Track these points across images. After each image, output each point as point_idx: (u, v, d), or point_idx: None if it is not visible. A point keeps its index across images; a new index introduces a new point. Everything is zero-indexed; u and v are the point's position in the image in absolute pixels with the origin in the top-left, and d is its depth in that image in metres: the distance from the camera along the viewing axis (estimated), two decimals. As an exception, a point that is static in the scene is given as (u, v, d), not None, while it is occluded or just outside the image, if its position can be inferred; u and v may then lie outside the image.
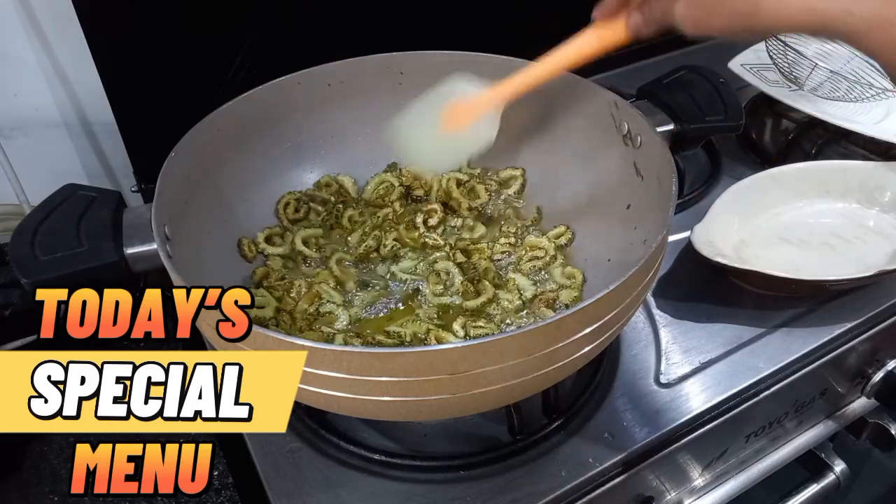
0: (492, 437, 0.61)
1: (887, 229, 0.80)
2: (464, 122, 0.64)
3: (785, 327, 0.72)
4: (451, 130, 0.64)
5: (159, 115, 0.71)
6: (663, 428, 0.63)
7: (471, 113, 0.63)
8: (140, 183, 0.83)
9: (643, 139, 0.65)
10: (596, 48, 0.57)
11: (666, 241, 0.56)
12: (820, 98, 0.94)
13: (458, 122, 0.64)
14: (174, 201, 0.59)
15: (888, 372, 0.80)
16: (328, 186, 0.77)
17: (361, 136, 0.78)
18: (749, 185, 0.81)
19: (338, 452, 0.60)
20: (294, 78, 0.72)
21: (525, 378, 0.48)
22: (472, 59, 0.75)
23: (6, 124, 0.82)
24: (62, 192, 0.57)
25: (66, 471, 0.63)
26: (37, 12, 0.77)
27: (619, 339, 0.70)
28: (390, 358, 0.45)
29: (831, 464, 0.85)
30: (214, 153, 0.67)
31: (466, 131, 0.64)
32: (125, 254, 0.54)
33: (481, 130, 0.64)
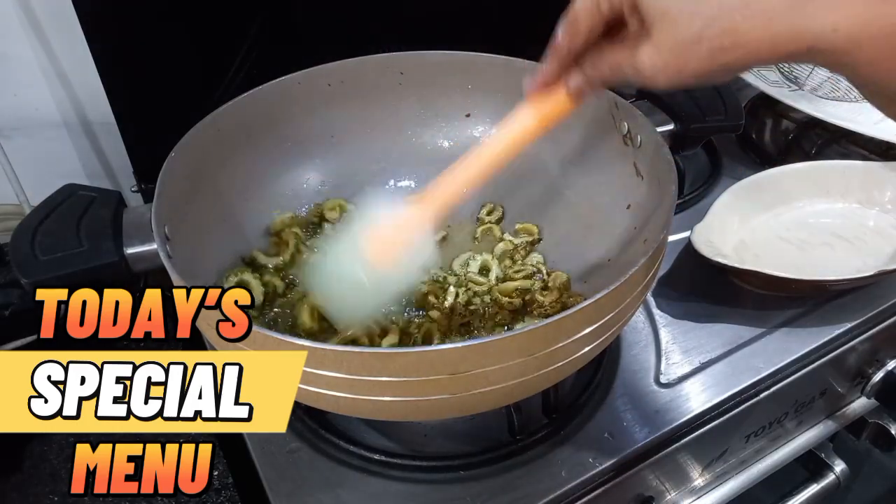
0: (492, 437, 0.61)
1: (887, 229, 0.80)
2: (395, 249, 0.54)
3: (785, 327, 0.72)
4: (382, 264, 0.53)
5: (159, 115, 0.71)
6: (663, 428, 0.62)
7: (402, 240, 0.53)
8: (140, 183, 0.83)
9: (643, 139, 0.65)
10: (535, 127, 0.50)
11: (666, 241, 0.56)
12: (820, 98, 0.94)
13: (388, 254, 0.54)
14: (174, 201, 0.59)
15: (888, 372, 0.80)
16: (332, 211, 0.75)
17: (361, 135, 0.78)
18: (749, 185, 0.81)
19: (338, 452, 0.60)
20: (294, 78, 0.72)
21: (525, 378, 0.48)
22: (472, 59, 0.75)
23: (6, 124, 0.82)
24: (62, 192, 0.57)
25: (66, 471, 0.63)
26: (37, 12, 0.77)
27: (619, 339, 0.70)
28: (390, 358, 0.45)
29: (831, 464, 0.85)
30: (214, 153, 0.67)
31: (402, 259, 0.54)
32: (125, 254, 0.54)
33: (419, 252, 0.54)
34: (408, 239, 0.54)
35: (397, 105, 0.78)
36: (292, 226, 0.73)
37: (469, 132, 0.79)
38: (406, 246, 0.54)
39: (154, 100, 0.77)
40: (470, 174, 0.52)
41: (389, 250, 0.54)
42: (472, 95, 0.78)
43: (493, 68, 0.74)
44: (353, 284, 0.55)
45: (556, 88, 0.48)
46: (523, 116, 0.50)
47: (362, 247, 0.54)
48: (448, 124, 0.79)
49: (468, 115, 0.78)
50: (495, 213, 0.77)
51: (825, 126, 0.91)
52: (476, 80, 0.76)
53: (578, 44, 0.46)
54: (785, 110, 0.99)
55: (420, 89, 0.77)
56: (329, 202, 0.75)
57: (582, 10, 0.44)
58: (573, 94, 0.48)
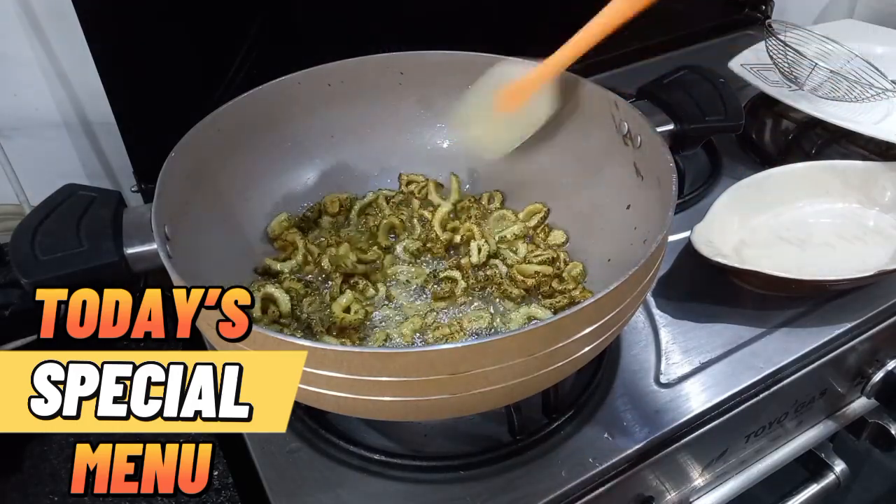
0: (492, 437, 0.61)
1: (887, 229, 0.80)
2: (518, 102, 0.66)
3: (785, 327, 0.72)
4: (507, 111, 0.67)
5: (159, 115, 0.71)
6: (663, 428, 0.62)
7: (524, 92, 0.66)
8: (140, 183, 0.83)
9: (643, 139, 0.65)
10: (629, 10, 0.59)
11: (666, 241, 0.56)
12: (820, 98, 0.94)
13: (512, 103, 0.67)
14: (174, 201, 0.59)
15: (888, 372, 0.80)
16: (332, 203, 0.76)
17: (361, 135, 0.78)
18: (749, 185, 0.81)
19: (338, 452, 0.60)
20: (294, 78, 0.72)
21: (525, 378, 0.48)
22: (472, 59, 0.75)
23: (6, 124, 0.82)
24: (62, 192, 0.57)
25: (66, 471, 0.63)
26: (37, 12, 0.77)
27: (619, 339, 0.70)
28: (390, 358, 0.45)
29: (831, 464, 0.85)
30: (214, 153, 0.67)
31: (522, 110, 0.67)
32: (125, 254, 0.54)
33: (539, 106, 0.67)
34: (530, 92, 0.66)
35: (397, 105, 0.78)
36: (290, 227, 0.73)
37: (469, 132, 0.79)
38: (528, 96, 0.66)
39: (154, 100, 0.77)
40: (578, 44, 0.62)
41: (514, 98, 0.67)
42: (473, 95, 0.78)
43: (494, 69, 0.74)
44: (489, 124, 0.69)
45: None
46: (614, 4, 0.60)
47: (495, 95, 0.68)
48: (448, 124, 0.79)
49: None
50: (496, 199, 0.77)
51: (825, 126, 0.91)
52: (476, 80, 0.76)
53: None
54: (785, 110, 0.99)
55: (420, 89, 0.77)
56: (329, 196, 0.76)
57: None
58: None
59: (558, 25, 0.64)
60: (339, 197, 0.76)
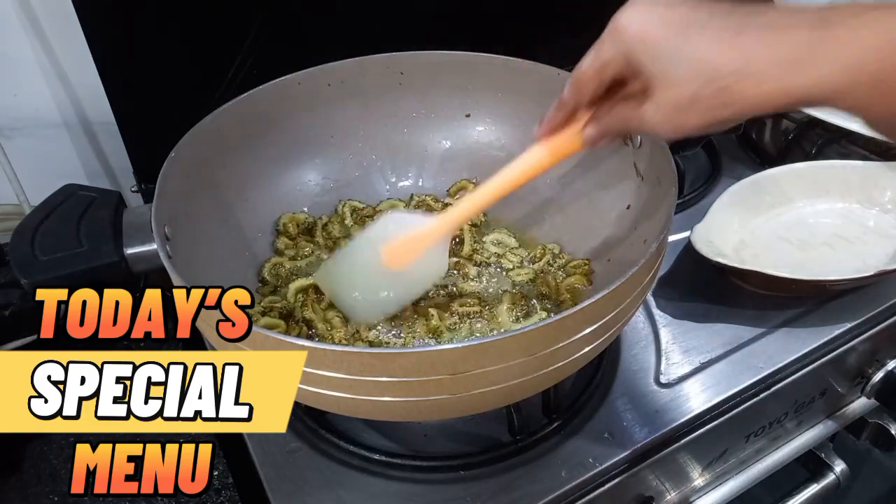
0: (492, 437, 0.61)
1: (887, 229, 0.80)
2: (408, 258, 0.60)
3: (785, 327, 0.72)
4: (396, 270, 0.60)
5: (159, 115, 0.71)
6: (663, 428, 0.62)
7: (416, 247, 0.60)
8: (140, 183, 0.83)
9: (643, 139, 0.65)
10: (547, 162, 0.55)
11: (666, 241, 0.56)
12: (820, 98, 0.94)
13: (402, 258, 0.60)
14: (174, 201, 0.59)
15: (888, 372, 0.80)
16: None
17: (361, 135, 0.78)
18: (749, 185, 0.81)
19: (338, 452, 0.60)
20: (294, 78, 0.72)
21: (525, 378, 0.48)
22: (472, 59, 0.75)
23: (6, 124, 0.82)
24: (62, 192, 0.57)
25: (66, 471, 0.63)
26: (37, 12, 0.77)
27: (619, 339, 0.70)
28: (390, 358, 0.45)
29: (831, 464, 0.84)
30: (214, 153, 0.67)
31: (412, 268, 0.60)
32: (125, 254, 0.54)
33: (432, 263, 0.60)
34: (422, 248, 0.60)
35: (397, 105, 0.78)
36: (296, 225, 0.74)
37: (469, 132, 0.79)
38: (420, 254, 0.60)
39: (154, 100, 0.77)
40: (484, 199, 0.58)
41: (405, 255, 0.60)
42: (472, 95, 0.78)
43: (493, 68, 0.74)
44: (368, 284, 0.62)
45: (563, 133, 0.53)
46: (536, 153, 0.55)
47: (379, 250, 0.60)
48: (448, 124, 0.79)
49: (468, 115, 0.78)
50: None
51: (825, 126, 0.91)
52: (476, 80, 0.76)
53: (583, 101, 0.50)
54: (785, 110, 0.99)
55: (420, 89, 0.77)
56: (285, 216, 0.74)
57: (586, 74, 0.48)
58: (588, 141, 0.52)
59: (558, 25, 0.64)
60: (296, 218, 0.74)
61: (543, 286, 0.67)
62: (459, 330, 0.64)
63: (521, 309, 0.65)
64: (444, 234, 0.60)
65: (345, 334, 0.63)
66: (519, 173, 0.56)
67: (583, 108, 0.51)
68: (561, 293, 0.67)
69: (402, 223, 0.61)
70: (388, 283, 0.61)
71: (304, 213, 0.75)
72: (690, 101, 0.42)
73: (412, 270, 0.60)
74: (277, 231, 0.73)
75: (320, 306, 0.66)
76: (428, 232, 0.60)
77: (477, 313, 0.65)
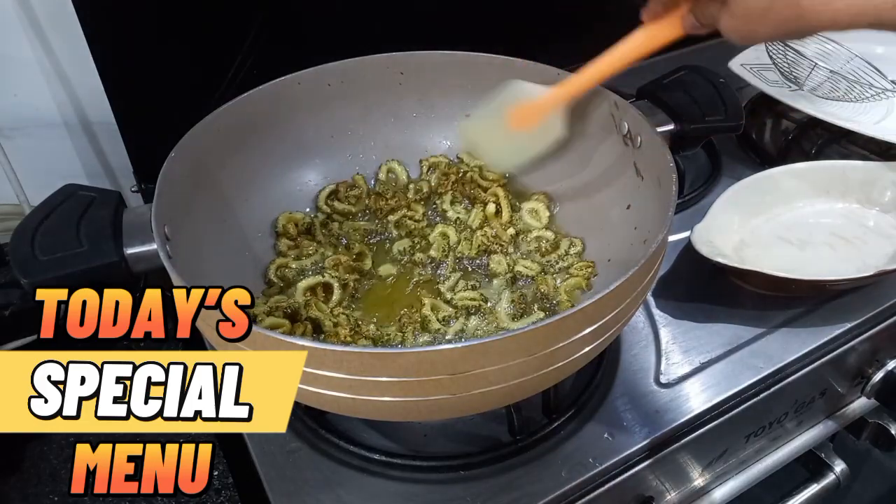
0: (492, 437, 0.61)
1: (887, 229, 0.80)
2: (532, 121, 0.66)
3: (785, 327, 0.72)
4: (520, 129, 0.67)
5: (159, 115, 0.71)
6: (663, 428, 0.62)
7: (538, 113, 0.66)
8: (140, 183, 0.83)
9: (643, 139, 0.65)
10: (651, 45, 0.58)
11: (666, 241, 0.56)
12: (820, 98, 0.94)
13: (526, 121, 0.67)
14: (174, 201, 0.59)
15: (888, 372, 0.80)
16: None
17: (361, 136, 0.78)
18: (749, 185, 0.81)
19: (338, 452, 0.60)
20: (294, 78, 0.72)
21: (525, 378, 0.48)
22: (472, 59, 0.75)
23: (6, 124, 0.82)
24: (62, 192, 0.57)
25: (66, 471, 0.63)
26: (37, 12, 0.77)
27: (619, 339, 0.70)
28: (390, 358, 0.45)
29: (831, 464, 0.84)
30: (214, 153, 0.67)
31: (534, 130, 0.67)
32: (125, 254, 0.54)
33: (549, 128, 0.66)
34: (542, 114, 0.66)
35: (397, 105, 0.78)
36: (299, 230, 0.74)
37: (469, 132, 0.79)
38: (542, 117, 0.66)
39: (154, 100, 0.78)
40: (595, 72, 0.61)
41: (528, 117, 0.66)
42: (472, 95, 0.77)
43: (493, 68, 0.74)
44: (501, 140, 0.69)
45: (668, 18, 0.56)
46: (641, 35, 0.58)
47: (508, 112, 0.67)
48: (448, 124, 0.79)
49: (468, 115, 0.78)
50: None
51: (825, 126, 0.91)
52: (476, 80, 0.76)
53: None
54: (785, 110, 0.99)
55: (420, 89, 0.77)
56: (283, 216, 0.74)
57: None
58: (687, 28, 0.55)
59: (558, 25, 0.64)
60: (294, 218, 0.74)
61: (543, 285, 0.67)
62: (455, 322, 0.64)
63: (520, 308, 0.65)
64: (560, 101, 0.65)
65: (350, 332, 0.63)
66: (629, 51, 0.59)
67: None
68: (559, 295, 0.67)
69: (525, 91, 0.67)
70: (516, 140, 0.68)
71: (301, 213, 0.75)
72: (761, 13, 0.45)
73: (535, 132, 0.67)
74: (277, 233, 0.73)
75: (328, 305, 0.65)
76: (546, 99, 0.65)
77: (476, 308, 0.65)
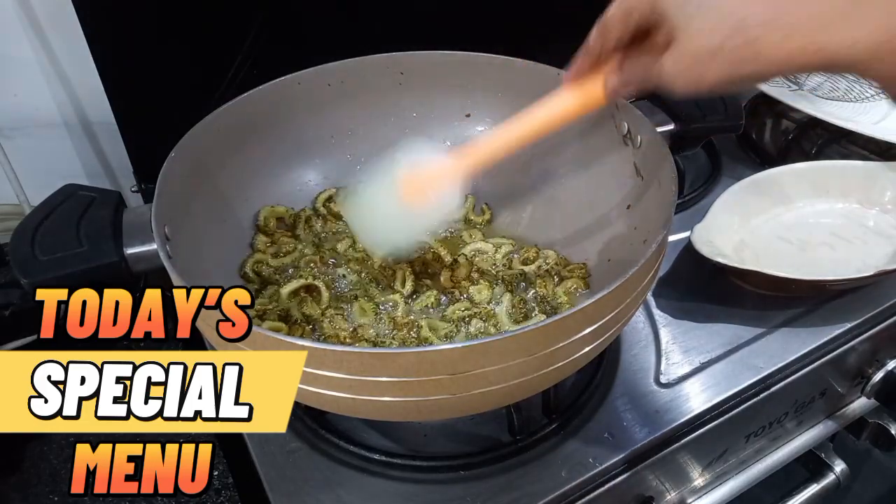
0: (492, 437, 0.61)
1: (887, 229, 0.80)
2: (425, 193, 0.60)
3: (785, 327, 0.72)
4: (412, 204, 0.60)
5: (159, 115, 0.71)
6: (663, 428, 0.62)
7: (433, 183, 0.59)
8: (140, 183, 0.83)
9: (643, 139, 0.65)
10: (570, 112, 0.54)
11: (666, 241, 0.56)
12: (820, 98, 0.94)
13: (419, 194, 0.60)
14: (174, 201, 0.59)
15: (888, 372, 0.80)
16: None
17: (361, 136, 0.78)
18: (749, 185, 0.81)
19: (338, 452, 0.60)
20: (294, 78, 0.72)
21: (525, 378, 0.48)
22: (472, 59, 0.75)
23: (6, 124, 0.82)
24: (62, 192, 0.57)
25: (67, 471, 0.63)
26: (37, 12, 0.77)
27: (619, 339, 0.70)
28: (390, 358, 0.45)
29: (831, 464, 0.85)
30: (214, 153, 0.67)
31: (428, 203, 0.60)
32: (125, 254, 0.54)
33: (445, 201, 0.60)
34: (440, 184, 0.59)
35: (397, 105, 0.78)
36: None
37: (469, 132, 0.79)
38: (438, 190, 0.59)
39: (154, 100, 0.77)
40: (505, 141, 0.57)
41: (423, 191, 0.60)
42: (472, 95, 0.78)
43: (493, 68, 0.74)
44: (386, 216, 0.62)
45: (591, 81, 0.52)
46: (559, 100, 0.54)
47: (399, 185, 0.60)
48: (448, 124, 0.79)
49: (468, 115, 0.78)
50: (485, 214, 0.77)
51: (825, 126, 0.91)
52: (476, 80, 0.76)
53: (609, 47, 0.49)
54: (785, 110, 0.99)
55: (420, 89, 0.77)
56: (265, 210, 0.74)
57: (613, 18, 0.47)
58: (609, 93, 0.51)
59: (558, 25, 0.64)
60: (276, 211, 0.73)
61: (542, 287, 0.67)
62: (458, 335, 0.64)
63: (521, 311, 0.65)
64: (460, 172, 0.59)
65: (348, 334, 0.63)
66: (543, 118, 0.55)
67: (608, 55, 0.50)
68: (558, 296, 0.67)
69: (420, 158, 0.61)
70: (402, 217, 0.61)
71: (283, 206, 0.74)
72: (712, 53, 0.40)
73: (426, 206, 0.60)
74: (257, 226, 0.72)
75: (318, 305, 0.65)
76: (445, 169, 0.59)
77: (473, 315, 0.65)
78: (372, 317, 0.65)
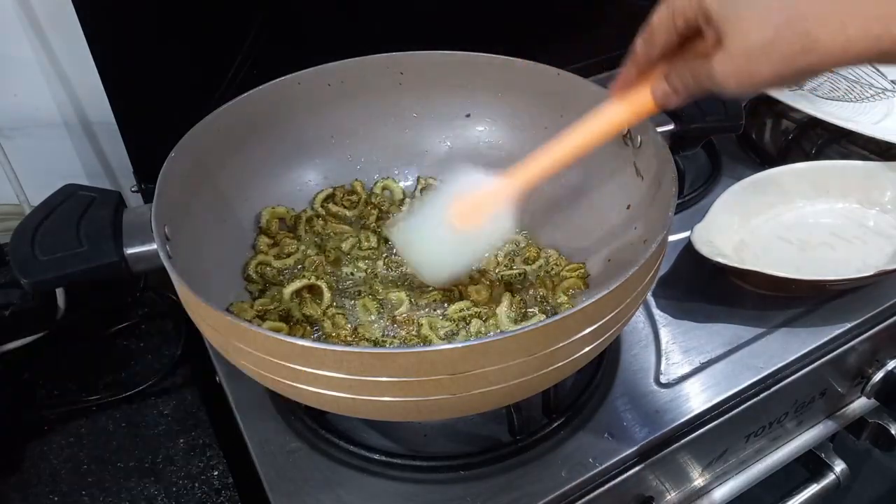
0: (492, 437, 0.61)
1: (887, 229, 0.80)
2: (478, 218, 0.58)
3: (785, 327, 0.72)
4: (465, 229, 0.59)
5: (159, 115, 0.71)
6: (663, 428, 0.62)
7: (486, 207, 0.58)
8: (140, 183, 0.83)
9: (643, 139, 0.65)
10: (619, 124, 0.53)
11: (666, 241, 0.56)
12: (820, 98, 0.94)
13: (471, 218, 0.58)
14: (174, 201, 0.59)
15: (888, 372, 0.80)
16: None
17: (361, 136, 0.78)
18: (749, 185, 0.81)
19: (338, 452, 0.60)
20: (294, 78, 0.72)
21: (525, 378, 0.48)
22: (472, 59, 0.75)
23: (6, 124, 0.82)
24: (62, 192, 0.57)
25: (67, 471, 0.63)
26: (37, 12, 0.77)
27: (619, 339, 0.70)
28: (390, 358, 0.45)
29: (831, 464, 0.85)
30: (214, 153, 0.67)
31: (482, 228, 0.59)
32: (125, 254, 0.54)
33: (500, 223, 0.59)
34: (493, 207, 0.58)
35: (397, 105, 0.78)
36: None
37: (469, 132, 0.79)
38: (491, 213, 0.58)
39: (154, 100, 0.77)
40: (555, 157, 0.56)
41: (474, 215, 0.58)
42: (472, 95, 0.78)
43: (493, 68, 0.74)
44: (442, 245, 0.61)
45: (639, 90, 0.51)
46: (609, 111, 0.53)
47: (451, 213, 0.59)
48: (448, 124, 0.79)
49: (468, 115, 0.78)
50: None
51: (825, 126, 0.91)
52: (476, 80, 0.76)
53: (655, 54, 0.48)
54: (785, 110, 0.99)
55: (420, 89, 0.77)
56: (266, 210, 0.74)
57: (658, 23, 0.46)
58: (658, 101, 0.50)
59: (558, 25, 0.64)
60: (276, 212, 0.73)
61: (542, 287, 0.67)
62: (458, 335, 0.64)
63: (520, 311, 0.65)
64: (512, 193, 0.57)
65: (349, 332, 0.63)
66: (594, 131, 0.54)
67: (655, 62, 0.49)
68: (558, 296, 0.67)
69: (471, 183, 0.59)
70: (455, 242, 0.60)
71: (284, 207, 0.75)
72: (765, 48, 0.39)
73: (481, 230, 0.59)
74: (260, 228, 0.72)
75: (320, 305, 0.65)
76: (496, 192, 0.58)
77: (473, 315, 0.65)
78: (374, 314, 0.65)
